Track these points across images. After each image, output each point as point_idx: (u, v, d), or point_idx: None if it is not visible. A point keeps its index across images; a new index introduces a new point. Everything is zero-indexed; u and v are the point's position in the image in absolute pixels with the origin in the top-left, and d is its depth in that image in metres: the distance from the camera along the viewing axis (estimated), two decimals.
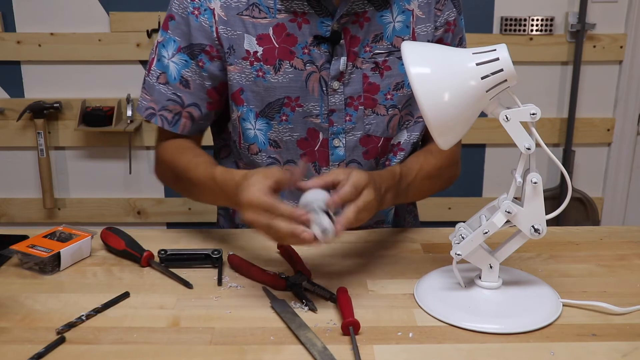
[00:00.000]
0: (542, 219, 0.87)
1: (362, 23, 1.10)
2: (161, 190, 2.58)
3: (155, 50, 1.15)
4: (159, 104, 1.15)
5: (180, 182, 1.15)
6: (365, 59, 1.11)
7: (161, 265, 1.02)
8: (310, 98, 1.11)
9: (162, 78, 1.14)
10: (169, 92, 1.14)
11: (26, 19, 2.39)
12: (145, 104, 1.17)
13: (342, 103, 1.12)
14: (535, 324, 0.85)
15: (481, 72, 0.80)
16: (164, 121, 1.16)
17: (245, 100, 1.13)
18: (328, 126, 1.14)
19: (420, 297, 0.92)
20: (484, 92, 0.81)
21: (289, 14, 1.08)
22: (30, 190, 2.58)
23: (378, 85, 1.13)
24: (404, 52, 0.83)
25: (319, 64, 1.10)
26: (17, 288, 0.96)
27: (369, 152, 1.17)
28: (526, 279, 0.96)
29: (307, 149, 1.15)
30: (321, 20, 1.08)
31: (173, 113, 1.15)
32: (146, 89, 1.16)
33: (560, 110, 2.52)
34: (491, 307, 0.89)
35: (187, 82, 1.13)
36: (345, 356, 0.79)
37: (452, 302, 0.90)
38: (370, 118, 1.15)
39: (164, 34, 1.13)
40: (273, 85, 1.10)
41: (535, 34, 2.41)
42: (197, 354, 0.80)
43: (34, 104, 2.41)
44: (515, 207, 0.86)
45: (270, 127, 1.14)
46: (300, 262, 1.00)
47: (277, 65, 1.09)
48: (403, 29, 1.12)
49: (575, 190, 2.56)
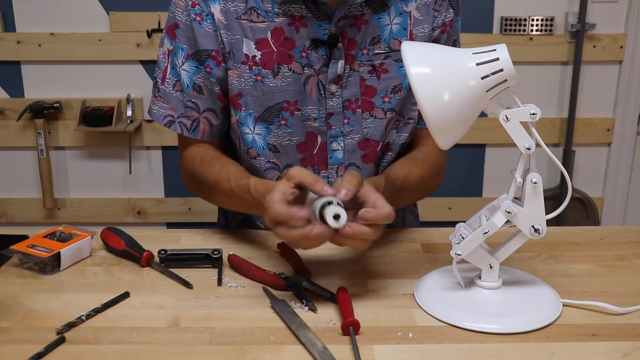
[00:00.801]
0: (542, 219, 0.87)
1: (359, 26, 1.10)
2: (161, 190, 2.58)
3: (167, 59, 1.14)
4: (178, 111, 1.15)
5: (214, 194, 1.14)
6: (363, 61, 1.11)
7: (161, 265, 1.02)
8: (309, 101, 1.12)
9: (177, 86, 1.14)
10: (185, 100, 1.14)
11: (26, 19, 2.39)
12: (163, 112, 1.16)
13: (340, 106, 1.12)
14: (535, 324, 0.85)
15: (481, 72, 0.80)
16: (184, 128, 1.16)
17: (243, 104, 1.13)
18: (326, 129, 1.13)
19: (420, 297, 0.92)
20: (484, 92, 0.81)
21: (287, 18, 1.08)
22: (30, 190, 2.58)
23: (375, 88, 1.13)
24: (404, 52, 0.82)
25: (316, 67, 1.10)
26: (17, 288, 0.96)
27: (368, 156, 1.17)
28: (526, 278, 0.96)
29: (306, 153, 1.15)
30: (319, 23, 1.08)
31: (191, 120, 1.16)
32: (162, 97, 1.16)
33: (560, 110, 2.52)
34: (491, 307, 0.89)
35: (200, 88, 1.13)
36: (345, 356, 0.79)
37: (452, 302, 0.90)
38: (368, 121, 1.14)
39: (172, 43, 1.13)
40: (272, 90, 1.10)
41: (535, 34, 2.42)
42: (197, 354, 0.80)
43: (34, 104, 2.41)
44: (515, 207, 0.86)
45: (270, 131, 1.14)
46: (300, 262, 1.00)
47: (275, 69, 1.09)
48: (400, 31, 1.12)
49: (575, 190, 2.56)
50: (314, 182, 0.88)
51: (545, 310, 0.88)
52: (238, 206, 1.13)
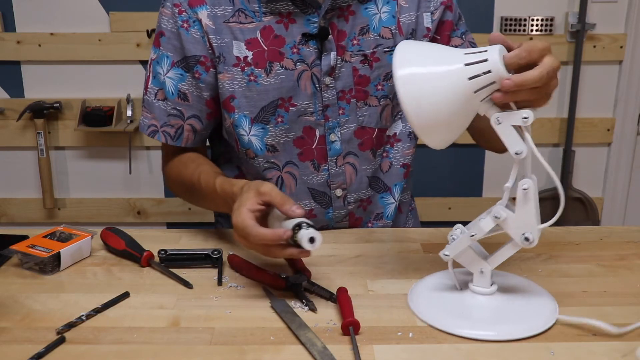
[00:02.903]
0: (534, 227, 0.84)
1: (347, 17, 1.11)
2: (161, 190, 2.58)
3: (149, 69, 1.16)
4: (160, 120, 1.16)
5: (191, 195, 1.17)
6: (354, 52, 1.12)
7: (161, 265, 1.02)
8: (303, 96, 1.12)
9: (160, 94, 1.15)
10: (169, 108, 1.15)
11: (26, 19, 2.39)
12: (146, 122, 1.18)
13: (335, 97, 1.13)
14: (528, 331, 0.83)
15: (469, 73, 0.79)
16: (167, 137, 1.17)
17: (236, 107, 1.13)
18: (324, 122, 1.14)
19: (414, 302, 0.91)
20: (472, 93, 0.80)
21: (275, 16, 1.09)
22: (30, 190, 2.58)
23: (368, 77, 1.14)
24: (395, 53, 0.83)
25: (309, 61, 1.11)
26: (17, 288, 0.96)
27: (364, 144, 1.18)
28: (522, 284, 0.95)
29: (304, 147, 1.16)
30: (307, 18, 1.10)
31: (175, 128, 1.16)
32: (146, 107, 1.17)
33: (560, 110, 2.52)
34: (483, 314, 0.87)
35: (186, 95, 1.14)
36: (345, 356, 0.79)
37: (444, 307, 0.88)
38: (362, 110, 1.16)
39: (156, 51, 1.14)
40: (266, 88, 1.11)
41: (535, 34, 2.41)
42: (197, 354, 0.80)
43: (34, 104, 2.41)
44: (505, 212, 0.84)
45: (267, 131, 1.14)
46: (300, 262, 1.00)
47: (267, 67, 1.10)
48: (389, 19, 1.14)
49: (575, 190, 2.56)
50: (282, 203, 0.90)
51: (540, 319, 0.86)
52: (212, 206, 1.14)
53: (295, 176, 1.17)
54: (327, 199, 1.19)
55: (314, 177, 1.18)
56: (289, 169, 1.17)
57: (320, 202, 1.19)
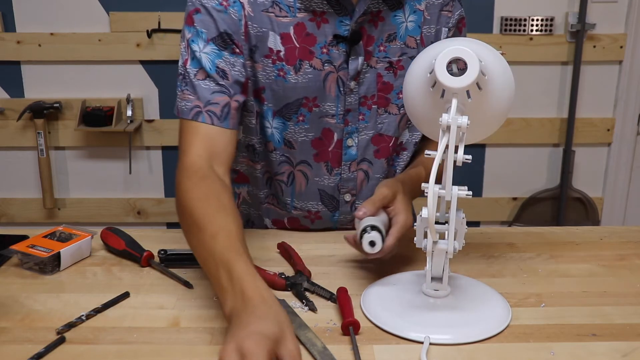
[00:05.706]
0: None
1: (376, 23, 1.10)
2: (161, 190, 2.58)
3: (187, 50, 1.08)
4: (204, 99, 1.06)
5: (195, 239, 0.93)
6: (380, 58, 1.12)
7: (161, 265, 1.02)
8: (328, 98, 1.12)
9: (200, 74, 1.07)
10: (212, 85, 1.07)
11: (26, 19, 2.38)
12: (190, 105, 1.06)
13: (357, 102, 1.13)
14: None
15: (430, 68, 0.82)
16: (213, 117, 1.06)
17: (265, 98, 1.12)
18: (343, 126, 1.14)
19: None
20: (429, 89, 0.83)
21: (308, 13, 1.08)
22: (30, 190, 2.58)
23: (392, 85, 1.14)
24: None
25: (336, 63, 1.10)
26: (17, 288, 0.96)
27: (380, 151, 1.18)
28: (475, 286, 0.95)
29: (321, 149, 1.15)
30: (340, 19, 1.08)
31: (221, 105, 1.06)
32: (188, 90, 1.07)
33: (560, 110, 2.52)
34: (436, 317, 0.87)
35: (224, 71, 1.07)
36: (345, 356, 0.79)
37: (397, 311, 0.88)
38: (382, 117, 1.16)
39: (190, 30, 1.07)
40: (293, 86, 1.10)
41: (535, 34, 2.41)
42: (197, 354, 0.80)
43: (34, 104, 2.41)
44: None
45: (286, 127, 1.13)
46: (300, 262, 1.00)
47: (297, 65, 1.09)
48: (415, 29, 1.13)
49: (575, 190, 2.56)
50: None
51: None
52: (206, 270, 0.88)
53: (307, 176, 1.17)
54: (335, 203, 1.19)
55: (326, 179, 1.17)
56: (301, 168, 1.16)
57: (328, 205, 1.19)
